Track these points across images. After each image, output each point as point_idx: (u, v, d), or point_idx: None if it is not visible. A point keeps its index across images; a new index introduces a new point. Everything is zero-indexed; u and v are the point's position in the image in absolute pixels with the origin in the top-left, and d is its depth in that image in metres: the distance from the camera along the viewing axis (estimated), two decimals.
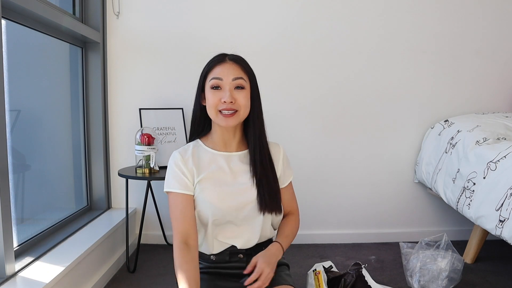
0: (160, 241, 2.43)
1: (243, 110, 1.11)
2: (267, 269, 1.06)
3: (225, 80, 1.09)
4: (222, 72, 1.10)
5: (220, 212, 1.11)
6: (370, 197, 2.49)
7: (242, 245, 1.16)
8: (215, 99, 1.09)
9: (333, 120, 2.42)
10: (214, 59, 1.14)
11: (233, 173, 1.15)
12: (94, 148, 2.28)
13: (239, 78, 1.10)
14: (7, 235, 1.37)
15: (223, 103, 1.08)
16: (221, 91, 1.09)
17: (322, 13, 2.34)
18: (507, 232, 1.57)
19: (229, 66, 1.11)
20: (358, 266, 1.69)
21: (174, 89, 2.35)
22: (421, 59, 2.40)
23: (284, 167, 1.24)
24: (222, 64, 1.12)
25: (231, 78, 1.09)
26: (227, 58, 1.14)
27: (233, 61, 1.13)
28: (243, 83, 1.11)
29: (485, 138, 1.94)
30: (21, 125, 1.73)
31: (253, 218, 1.14)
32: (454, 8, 2.38)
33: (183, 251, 1.05)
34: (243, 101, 1.10)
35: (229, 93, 1.08)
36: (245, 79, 1.11)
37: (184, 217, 1.09)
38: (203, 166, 1.14)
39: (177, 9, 2.30)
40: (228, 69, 1.10)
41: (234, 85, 1.10)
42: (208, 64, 1.14)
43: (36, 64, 1.94)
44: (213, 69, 1.12)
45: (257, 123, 1.15)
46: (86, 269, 1.72)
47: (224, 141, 1.17)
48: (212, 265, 1.17)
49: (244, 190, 1.13)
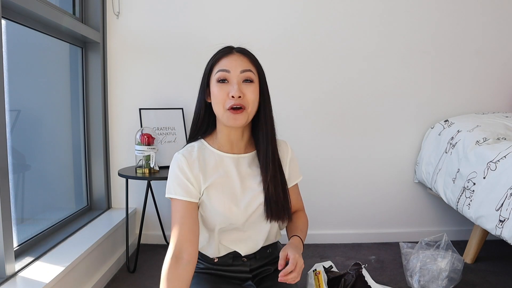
0: (160, 241, 2.43)
1: (251, 106, 1.02)
2: (301, 260, 1.01)
3: (232, 73, 1.01)
4: (230, 64, 1.02)
5: (228, 220, 1.06)
6: (370, 197, 2.49)
7: (247, 251, 1.13)
8: (223, 94, 1.01)
9: (333, 120, 2.42)
10: (221, 51, 1.06)
11: (241, 178, 1.08)
12: (94, 148, 2.28)
13: (247, 70, 1.02)
14: (7, 235, 1.37)
15: (231, 98, 1.00)
16: (228, 85, 1.01)
17: (323, 14, 2.34)
18: (507, 232, 1.57)
19: (237, 57, 1.04)
20: (358, 266, 1.69)
21: (174, 89, 2.35)
22: (421, 59, 2.40)
23: (291, 167, 1.18)
24: (229, 55, 1.04)
25: (239, 70, 1.01)
26: (234, 50, 1.06)
27: (240, 53, 1.05)
28: (252, 76, 1.03)
29: (485, 138, 1.94)
30: (21, 125, 1.73)
31: (260, 224, 1.10)
32: (454, 8, 2.38)
33: (171, 267, 0.97)
34: (251, 96, 1.02)
35: (237, 87, 1.00)
36: (253, 71, 1.04)
37: (182, 226, 1.01)
38: (209, 171, 1.07)
39: (177, 9, 2.30)
40: (235, 60, 1.03)
41: (243, 78, 1.02)
42: (213, 57, 1.06)
43: (36, 64, 1.94)
44: (220, 61, 1.04)
45: (268, 122, 1.07)
46: (86, 269, 1.72)
47: (230, 142, 1.10)
48: (214, 266, 1.15)
49: (253, 197, 1.07)
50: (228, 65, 1.02)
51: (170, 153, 1.20)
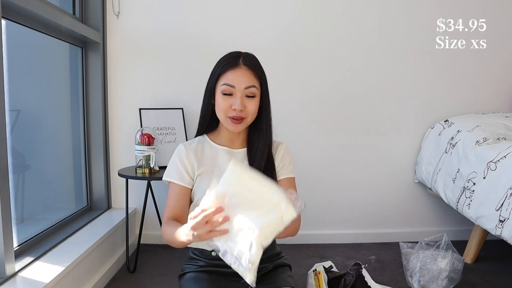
0: (160, 241, 2.43)
1: (251, 117, 1.13)
2: None
3: (237, 88, 1.10)
4: (236, 80, 1.10)
5: None
6: (370, 197, 2.49)
7: None
8: (226, 105, 1.10)
9: (333, 120, 2.42)
10: (228, 62, 1.12)
11: None
12: (94, 148, 2.28)
13: (251, 86, 1.11)
14: (7, 235, 1.37)
15: (233, 110, 1.10)
16: (232, 98, 1.10)
17: (322, 13, 2.34)
18: (507, 232, 1.57)
19: (243, 72, 1.10)
20: (358, 266, 1.69)
21: (174, 89, 2.35)
22: (421, 59, 2.40)
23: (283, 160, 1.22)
24: (235, 69, 1.11)
25: (243, 86, 1.10)
26: (241, 61, 1.12)
27: (247, 66, 1.11)
28: (255, 91, 1.12)
29: (485, 138, 1.94)
30: (21, 125, 1.73)
31: None
32: (454, 8, 2.38)
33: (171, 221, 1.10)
34: (252, 109, 1.12)
35: (240, 101, 1.09)
36: (257, 86, 1.12)
37: (175, 204, 1.14)
38: (204, 160, 1.17)
39: (177, 9, 2.30)
40: (242, 76, 1.10)
41: (246, 94, 1.11)
42: (221, 66, 1.13)
43: (36, 64, 1.94)
44: (226, 73, 1.11)
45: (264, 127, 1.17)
46: (86, 269, 1.72)
47: (229, 138, 1.20)
48: (213, 262, 1.17)
49: None
50: (234, 80, 1.10)
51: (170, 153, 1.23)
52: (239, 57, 1.13)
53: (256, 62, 1.15)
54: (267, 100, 1.17)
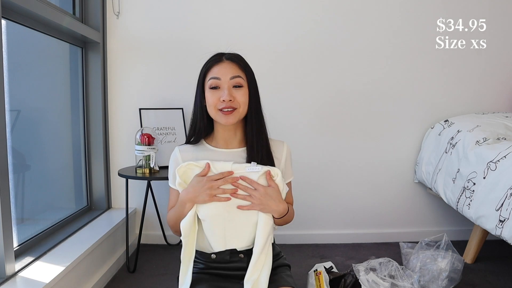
0: (160, 241, 2.43)
1: (242, 107, 1.13)
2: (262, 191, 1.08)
3: (223, 79, 1.11)
4: (220, 72, 1.12)
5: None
6: (370, 197, 2.49)
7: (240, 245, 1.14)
8: (214, 99, 1.11)
9: (333, 120, 2.42)
10: (211, 59, 1.16)
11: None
12: (94, 148, 2.28)
13: (236, 76, 1.12)
14: (7, 235, 1.37)
15: (222, 101, 1.10)
16: (219, 91, 1.11)
17: (323, 15, 2.34)
18: (507, 232, 1.57)
19: (226, 65, 1.13)
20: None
21: (174, 89, 2.35)
22: (421, 59, 2.40)
23: (286, 164, 1.23)
24: (219, 64, 1.14)
25: (228, 77, 1.11)
26: (224, 57, 1.15)
27: (230, 60, 1.14)
28: (241, 81, 1.13)
29: (485, 138, 1.94)
30: (21, 125, 1.73)
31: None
32: (454, 8, 2.38)
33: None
34: (242, 99, 1.12)
35: (227, 92, 1.10)
36: (242, 77, 1.13)
37: None
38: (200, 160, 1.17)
39: (177, 9, 2.30)
40: (225, 68, 1.12)
41: (232, 84, 1.12)
42: (205, 65, 1.16)
43: (36, 64, 1.94)
44: (211, 69, 1.14)
45: (255, 120, 1.16)
46: (86, 269, 1.72)
47: (225, 140, 1.19)
48: (212, 264, 1.16)
49: None
50: (218, 72, 1.12)
51: (170, 153, 1.23)
52: (223, 54, 1.16)
53: (240, 57, 1.17)
54: (256, 95, 1.17)
